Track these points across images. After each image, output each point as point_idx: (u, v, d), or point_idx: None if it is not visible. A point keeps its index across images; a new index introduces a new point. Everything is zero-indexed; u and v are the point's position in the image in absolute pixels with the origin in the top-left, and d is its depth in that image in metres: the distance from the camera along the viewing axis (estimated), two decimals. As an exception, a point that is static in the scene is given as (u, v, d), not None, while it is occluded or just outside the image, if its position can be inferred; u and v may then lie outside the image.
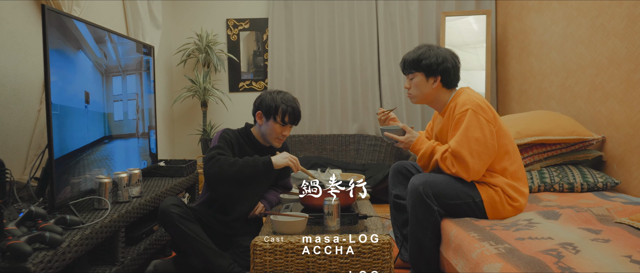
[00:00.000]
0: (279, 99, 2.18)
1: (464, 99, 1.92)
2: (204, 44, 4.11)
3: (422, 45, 2.07)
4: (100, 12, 2.94)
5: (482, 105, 1.90)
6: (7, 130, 2.08)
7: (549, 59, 3.21)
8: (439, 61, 1.99)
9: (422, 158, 1.99)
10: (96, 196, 2.00)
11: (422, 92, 2.04)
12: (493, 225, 1.79)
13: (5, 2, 2.09)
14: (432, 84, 2.02)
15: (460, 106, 1.91)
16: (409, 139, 2.03)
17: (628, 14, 2.41)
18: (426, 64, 1.99)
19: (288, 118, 2.18)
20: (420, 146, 2.00)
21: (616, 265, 1.34)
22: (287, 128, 2.21)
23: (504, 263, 1.41)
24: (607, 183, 2.42)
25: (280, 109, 2.16)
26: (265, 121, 2.20)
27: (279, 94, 2.21)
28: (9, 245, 1.36)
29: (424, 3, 4.23)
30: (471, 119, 1.86)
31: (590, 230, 1.68)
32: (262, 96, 2.23)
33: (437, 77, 2.00)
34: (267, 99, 2.19)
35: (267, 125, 2.20)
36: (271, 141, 2.24)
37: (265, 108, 2.18)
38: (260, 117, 2.22)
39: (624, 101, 2.46)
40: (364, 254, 1.66)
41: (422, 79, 2.02)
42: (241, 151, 2.23)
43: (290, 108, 2.17)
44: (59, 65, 1.86)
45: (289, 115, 2.18)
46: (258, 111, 2.22)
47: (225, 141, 2.18)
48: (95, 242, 1.72)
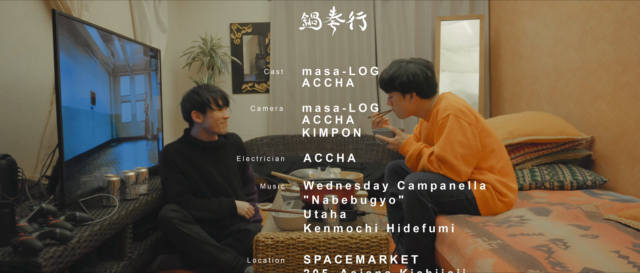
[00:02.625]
0: (204, 92, 2.21)
1: (445, 105, 1.93)
2: (209, 47, 4.11)
3: (394, 62, 2.06)
4: (109, 16, 2.94)
5: (462, 109, 1.91)
6: (19, 130, 2.08)
7: (540, 62, 3.21)
8: (410, 79, 1.98)
9: (410, 159, 2.01)
10: (105, 193, 2.00)
11: (403, 108, 2.07)
12: (486, 222, 1.79)
13: (17, 7, 2.09)
14: (410, 100, 2.03)
15: (442, 112, 1.92)
16: (398, 141, 2.05)
17: (616, 19, 2.41)
18: (399, 83, 2.00)
19: (221, 101, 2.23)
20: (409, 148, 2.01)
21: (604, 260, 1.34)
22: (224, 109, 2.26)
23: (496, 258, 1.41)
24: (596, 181, 2.42)
25: (211, 98, 2.20)
26: (203, 115, 2.21)
27: (200, 89, 2.24)
28: (21, 241, 1.37)
29: (420, 8, 4.23)
30: (453, 124, 1.87)
31: (579, 226, 1.68)
32: (188, 98, 2.24)
33: (412, 93, 2.02)
34: (194, 98, 2.21)
35: (207, 118, 2.21)
36: (218, 130, 2.25)
37: (197, 104, 2.20)
38: (197, 115, 2.22)
39: (612, 102, 2.45)
40: (362, 249, 1.66)
41: (400, 97, 2.04)
42: (187, 159, 2.24)
43: (217, 92, 2.23)
44: (69, 67, 1.86)
45: (220, 98, 2.23)
46: (192, 112, 2.22)
47: (169, 165, 2.20)
48: (104, 237, 1.72)
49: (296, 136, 4.24)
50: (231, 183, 2.32)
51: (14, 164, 1.76)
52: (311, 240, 1.66)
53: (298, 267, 1.67)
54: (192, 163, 2.23)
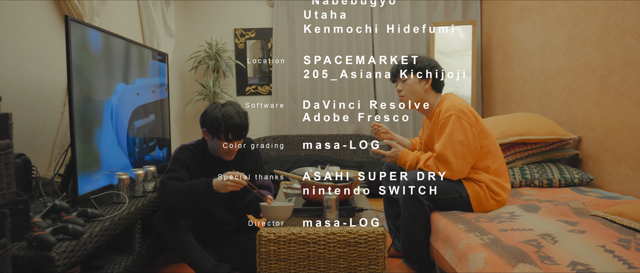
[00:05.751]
0: (220, 116, 1.90)
1: (448, 105, 1.93)
2: (214, 51, 4.11)
3: (412, 54, 2.08)
4: (119, 22, 2.94)
5: (464, 110, 1.91)
6: (33, 130, 2.08)
7: (530, 66, 3.20)
8: (432, 65, 2.03)
9: (410, 168, 2.00)
10: (115, 191, 2.00)
11: (415, 92, 2.04)
12: (478, 218, 1.79)
13: (32, 14, 2.09)
14: (424, 86, 2.03)
15: (445, 112, 1.92)
16: (395, 153, 2.05)
17: (602, 24, 2.41)
18: (420, 66, 2.02)
19: (231, 136, 1.92)
20: (406, 158, 2.01)
21: (591, 254, 1.34)
22: (233, 143, 1.96)
23: (488, 252, 1.41)
24: (583, 179, 2.42)
25: (223, 127, 1.90)
26: (211, 138, 1.96)
27: (222, 109, 1.93)
28: (35, 236, 1.37)
29: (415, 14, 4.23)
30: (454, 124, 1.87)
31: (567, 222, 1.68)
32: (207, 112, 1.96)
33: (429, 79, 2.02)
34: (210, 116, 1.93)
35: (213, 142, 1.97)
36: (220, 156, 2.01)
37: (208, 125, 1.94)
38: (206, 134, 1.98)
39: (598, 104, 2.45)
40: (360, 244, 1.66)
41: (415, 81, 2.03)
42: (199, 166, 2.01)
43: (232, 125, 1.90)
44: (80, 71, 1.86)
45: (232, 132, 1.91)
46: (203, 128, 1.98)
47: (179, 162, 1.95)
48: (114, 233, 1.72)
49: (298, 136, 4.24)
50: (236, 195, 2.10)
51: (29, 162, 1.77)
52: (311, 235, 1.66)
53: (299, 260, 1.67)
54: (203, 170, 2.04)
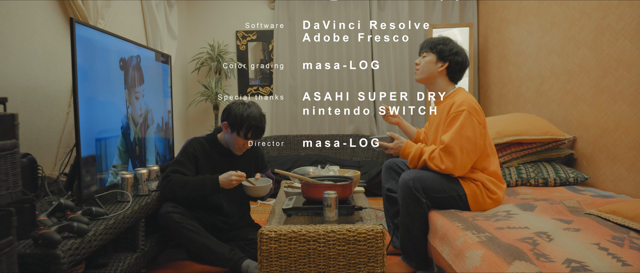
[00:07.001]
0: (245, 114, 2.05)
1: (462, 99, 1.92)
2: (216, 53, 4.11)
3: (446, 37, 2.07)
4: (123, 24, 2.94)
5: (476, 108, 1.90)
6: (39, 130, 2.08)
7: (526, 67, 3.21)
8: (453, 51, 2.01)
9: (413, 160, 2.00)
10: (119, 189, 2.00)
11: (428, 70, 2.04)
12: (475, 216, 1.79)
13: (37, 16, 2.09)
14: (438, 68, 2.03)
15: (458, 105, 1.90)
16: (398, 145, 2.04)
17: (596, 26, 2.41)
18: (440, 49, 2.02)
19: (251, 134, 2.07)
20: (409, 150, 2.00)
21: (585, 252, 1.34)
22: (250, 141, 2.12)
23: (485, 250, 1.41)
24: (578, 178, 2.42)
25: (245, 125, 2.05)
26: (230, 132, 2.09)
27: (247, 109, 2.07)
28: (41, 234, 1.37)
29: (413, 16, 4.23)
30: (466, 120, 1.87)
31: (562, 220, 1.68)
32: (231, 107, 2.09)
33: (445, 63, 2.02)
34: (235, 112, 2.06)
35: (231, 136, 2.10)
36: (233, 150, 2.14)
37: (231, 120, 2.07)
38: (227, 127, 2.10)
39: (592, 104, 2.46)
40: (359, 242, 1.66)
41: (433, 60, 2.03)
42: (208, 158, 2.14)
43: (254, 125, 2.05)
44: (85, 72, 1.86)
45: (252, 132, 2.07)
46: (225, 121, 2.10)
47: (188, 154, 2.09)
48: (118, 231, 1.72)
49: (298, 136, 4.24)
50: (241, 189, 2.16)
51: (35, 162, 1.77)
52: (312, 233, 1.66)
53: (299, 257, 1.67)
54: (211, 162, 2.13)
